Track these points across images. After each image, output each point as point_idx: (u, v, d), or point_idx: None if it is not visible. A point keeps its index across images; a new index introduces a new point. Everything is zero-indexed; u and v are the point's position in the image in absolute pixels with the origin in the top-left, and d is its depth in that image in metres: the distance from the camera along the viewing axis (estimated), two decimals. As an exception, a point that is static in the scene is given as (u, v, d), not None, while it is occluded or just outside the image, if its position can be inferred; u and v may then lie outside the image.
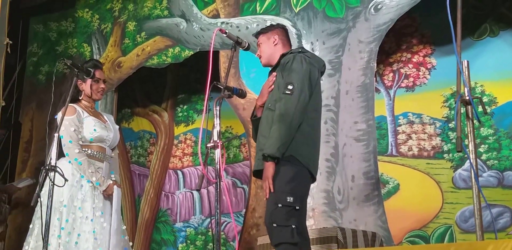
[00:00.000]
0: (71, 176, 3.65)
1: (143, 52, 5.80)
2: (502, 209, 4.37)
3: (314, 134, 3.23)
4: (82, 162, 3.68)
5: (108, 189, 3.73)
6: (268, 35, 3.47)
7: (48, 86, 6.34)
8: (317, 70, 3.27)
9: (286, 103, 3.09)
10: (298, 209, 3.02)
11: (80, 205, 3.66)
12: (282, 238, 2.96)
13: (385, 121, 5.01)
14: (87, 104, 3.93)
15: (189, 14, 5.59)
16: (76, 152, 3.69)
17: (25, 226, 6.14)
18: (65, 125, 3.67)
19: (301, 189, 3.11)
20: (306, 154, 3.14)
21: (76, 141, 3.72)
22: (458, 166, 4.63)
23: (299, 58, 3.22)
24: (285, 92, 3.12)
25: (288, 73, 3.18)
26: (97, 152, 3.81)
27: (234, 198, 5.66)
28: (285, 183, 3.05)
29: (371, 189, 4.34)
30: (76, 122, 3.75)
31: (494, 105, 4.60)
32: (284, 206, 3.00)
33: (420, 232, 4.64)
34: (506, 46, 4.66)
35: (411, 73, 5.00)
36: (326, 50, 4.71)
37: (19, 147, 6.43)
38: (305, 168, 3.12)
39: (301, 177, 3.10)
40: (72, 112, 3.76)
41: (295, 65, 3.19)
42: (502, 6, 4.71)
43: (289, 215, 2.99)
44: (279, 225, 2.97)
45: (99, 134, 3.81)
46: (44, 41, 6.62)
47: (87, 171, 3.68)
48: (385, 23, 4.53)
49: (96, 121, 3.84)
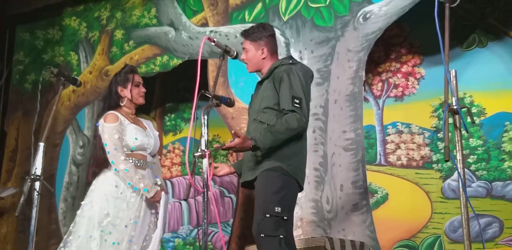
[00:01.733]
0: (115, 188, 3.57)
1: (131, 61, 5.77)
2: (491, 219, 4.36)
3: (302, 144, 3.24)
4: (129, 168, 3.56)
5: (156, 196, 3.60)
6: (256, 45, 3.43)
7: (34, 95, 6.30)
8: (309, 80, 3.32)
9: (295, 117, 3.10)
10: (286, 219, 3.02)
11: (123, 215, 3.56)
12: (270, 248, 2.95)
13: (374, 131, 5.00)
14: (128, 111, 3.82)
15: (178, 23, 5.58)
16: (122, 159, 3.57)
17: (10, 236, 6.09)
18: (108, 133, 3.59)
19: (289, 199, 3.10)
20: (294, 164, 3.15)
21: (121, 148, 3.61)
22: (447, 176, 4.62)
23: (295, 72, 3.22)
24: (294, 105, 3.12)
25: (286, 86, 3.18)
26: (138, 160, 3.69)
27: (222, 207, 5.62)
28: (273, 193, 3.04)
29: (360, 198, 4.33)
30: (120, 130, 3.65)
31: (483, 116, 4.60)
32: (272, 216, 2.99)
33: (409, 242, 4.62)
34: (494, 57, 4.67)
35: (400, 83, 5.00)
36: (315, 59, 4.71)
37: (4, 156, 6.37)
38: (292, 178, 3.12)
39: (289, 187, 3.10)
40: (114, 120, 3.65)
41: (293, 78, 3.20)
42: (490, 16, 4.73)
43: (277, 225, 2.98)
44: (267, 235, 2.96)
45: (140, 142, 3.70)
46: (30, 49, 6.58)
47: (134, 177, 3.55)
48: (374, 32, 4.53)
49: (137, 129, 3.74)
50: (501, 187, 4.42)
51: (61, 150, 6.04)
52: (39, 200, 3.49)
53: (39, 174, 3.50)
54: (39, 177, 3.50)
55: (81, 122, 6.06)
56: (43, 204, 5.71)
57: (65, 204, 5.87)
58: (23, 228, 5.93)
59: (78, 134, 6.01)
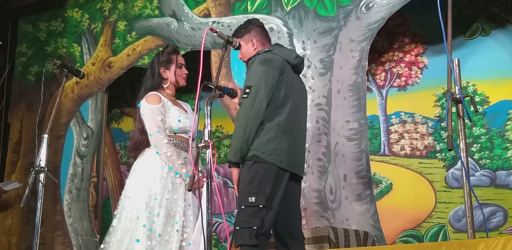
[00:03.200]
0: (160, 168, 3.47)
1: (133, 52, 5.77)
2: (495, 208, 4.37)
3: (280, 128, 3.15)
4: (172, 153, 3.47)
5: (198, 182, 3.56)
6: (245, 39, 3.41)
7: (37, 87, 6.31)
8: (276, 68, 3.20)
9: (242, 108, 3.08)
10: (263, 207, 2.96)
11: (170, 197, 3.46)
12: (241, 240, 2.93)
13: (378, 121, 5.00)
14: (169, 92, 3.72)
15: (180, 14, 5.57)
16: (165, 142, 3.48)
17: (15, 228, 6.12)
18: (151, 114, 3.50)
19: (266, 186, 3.02)
20: (270, 150, 3.07)
21: (164, 130, 3.52)
22: (451, 165, 4.62)
23: (257, 60, 3.19)
24: (242, 96, 3.11)
25: (247, 76, 3.17)
26: (181, 142, 3.60)
27: (226, 198, 5.63)
28: (246, 184, 3.03)
29: (363, 188, 4.33)
30: (163, 111, 3.55)
31: (486, 105, 4.59)
32: (247, 207, 2.97)
33: (414, 231, 4.63)
34: (497, 45, 4.66)
35: (403, 73, 4.99)
36: (318, 49, 4.70)
37: (8, 148, 6.38)
38: (272, 164, 3.06)
39: (266, 174, 3.04)
40: (157, 101, 3.56)
41: (253, 67, 3.18)
42: (493, 5, 4.71)
43: (252, 215, 2.95)
44: (241, 227, 2.94)
45: (183, 124, 3.59)
46: (33, 41, 6.58)
47: (177, 162, 3.48)
48: (376, 22, 4.52)
49: (180, 111, 3.64)
50: (505, 175, 4.42)
51: (65, 141, 6.06)
52: (43, 192, 3.49)
53: (43, 165, 3.50)
54: (44, 169, 3.50)
55: (84, 114, 6.06)
56: (48, 195, 5.74)
57: (69, 196, 5.88)
58: (28, 220, 5.96)
59: (81, 125, 6.02)
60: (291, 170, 3.14)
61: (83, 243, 5.71)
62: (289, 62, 3.28)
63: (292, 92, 3.26)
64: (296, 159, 3.20)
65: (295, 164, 3.19)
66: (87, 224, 5.75)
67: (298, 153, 3.23)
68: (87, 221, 5.76)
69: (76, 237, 5.76)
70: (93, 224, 5.76)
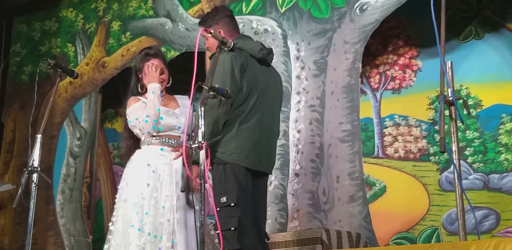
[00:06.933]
0: (146, 166, 3.42)
1: (128, 53, 5.76)
2: (488, 211, 4.38)
3: (238, 127, 3.14)
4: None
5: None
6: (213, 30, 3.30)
7: (31, 87, 6.29)
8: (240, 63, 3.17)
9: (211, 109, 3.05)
10: (234, 205, 2.97)
11: (158, 194, 3.41)
12: (227, 245, 2.94)
13: (372, 123, 5.00)
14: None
15: (175, 14, 5.57)
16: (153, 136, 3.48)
17: (7, 228, 6.10)
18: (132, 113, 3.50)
19: (232, 185, 3.03)
20: (230, 150, 3.08)
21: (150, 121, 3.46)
22: (444, 169, 4.63)
23: (221, 58, 3.15)
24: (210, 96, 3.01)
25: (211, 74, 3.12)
26: (169, 139, 3.52)
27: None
28: (215, 186, 3.06)
29: (356, 189, 4.33)
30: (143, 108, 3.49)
31: (479, 108, 4.60)
32: (221, 208, 2.99)
33: (407, 234, 4.64)
34: (491, 49, 4.67)
35: (397, 76, 5.01)
36: (312, 51, 4.71)
37: (1, 148, 6.37)
38: (233, 164, 3.07)
39: (228, 174, 3.06)
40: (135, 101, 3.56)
41: (217, 65, 3.14)
42: (486, 8, 4.72)
43: (228, 215, 2.97)
44: (222, 230, 2.93)
45: (165, 121, 3.51)
46: (27, 41, 6.56)
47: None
48: (371, 24, 4.53)
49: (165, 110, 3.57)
50: (498, 179, 4.43)
51: (59, 141, 6.04)
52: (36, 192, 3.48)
53: (37, 165, 3.49)
54: (37, 169, 3.48)
55: (78, 114, 6.05)
56: (41, 195, 5.72)
57: (62, 196, 5.87)
58: (21, 220, 5.94)
59: (75, 125, 6.01)
60: (253, 168, 3.14)
61: (75, 244, 5.69)
62: (253, 56, 3.25)
63: (256, 88, 3.22)
64: (260, 155, 3.18)
65: (259, 161, 3.17)
66: (80, 224, 5.74)
67: (263, 149, 3.20)
68: (80, 222, 5.75)
69: (68, 238, 5.75)
70: (85, 225, 5.74)
